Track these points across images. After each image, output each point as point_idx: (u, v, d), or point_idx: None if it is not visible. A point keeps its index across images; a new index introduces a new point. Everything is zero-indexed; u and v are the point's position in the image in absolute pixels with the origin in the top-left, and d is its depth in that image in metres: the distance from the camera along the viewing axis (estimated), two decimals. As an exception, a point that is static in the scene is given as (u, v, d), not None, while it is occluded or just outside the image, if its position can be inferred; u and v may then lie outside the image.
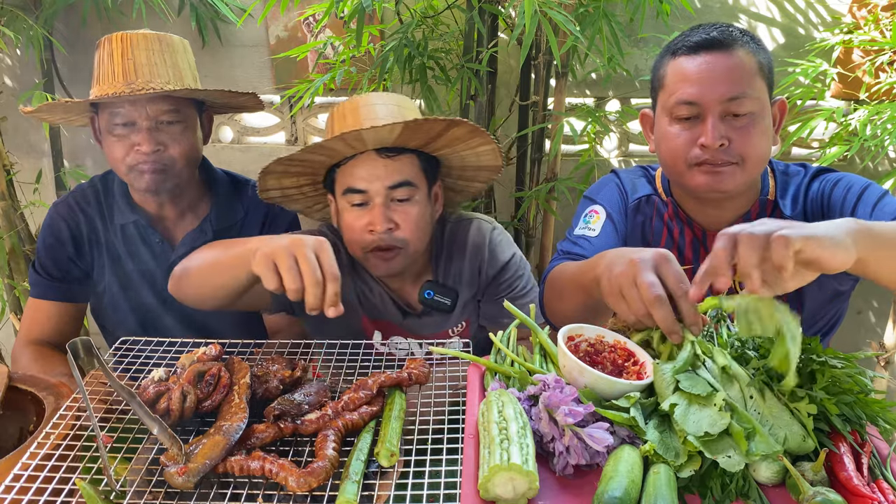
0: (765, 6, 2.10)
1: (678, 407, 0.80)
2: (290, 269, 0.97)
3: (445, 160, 1.42)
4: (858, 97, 2.01)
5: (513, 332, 1.11)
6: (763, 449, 0.74)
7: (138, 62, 1.37)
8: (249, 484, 0.82)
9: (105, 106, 1.40)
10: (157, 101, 1.38)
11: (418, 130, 1.25)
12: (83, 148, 2.50)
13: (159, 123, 1.40)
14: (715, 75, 1.19)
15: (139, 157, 1.39)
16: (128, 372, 1.05)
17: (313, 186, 1.45)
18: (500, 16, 1.86)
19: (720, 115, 1.19)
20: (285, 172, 1.36)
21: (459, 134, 1.31)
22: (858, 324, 2.38)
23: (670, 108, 1.24)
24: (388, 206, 1.30)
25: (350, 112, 1.31)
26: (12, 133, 2.45)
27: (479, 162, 1.43)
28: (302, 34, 2.27)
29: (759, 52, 1.22)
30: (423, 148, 1.34)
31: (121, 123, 1.38)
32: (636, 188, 1.44)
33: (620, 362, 0.94)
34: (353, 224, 1.32)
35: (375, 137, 1.24)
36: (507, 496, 0.74)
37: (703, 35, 1.22)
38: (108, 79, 1.38)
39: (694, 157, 1.22)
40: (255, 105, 1.59)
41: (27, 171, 2.30)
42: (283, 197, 1.46)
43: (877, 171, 2.18)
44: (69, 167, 2.34)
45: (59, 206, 1.54)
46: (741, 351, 0.93)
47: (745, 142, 1.19)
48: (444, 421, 0.91)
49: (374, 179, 1.28)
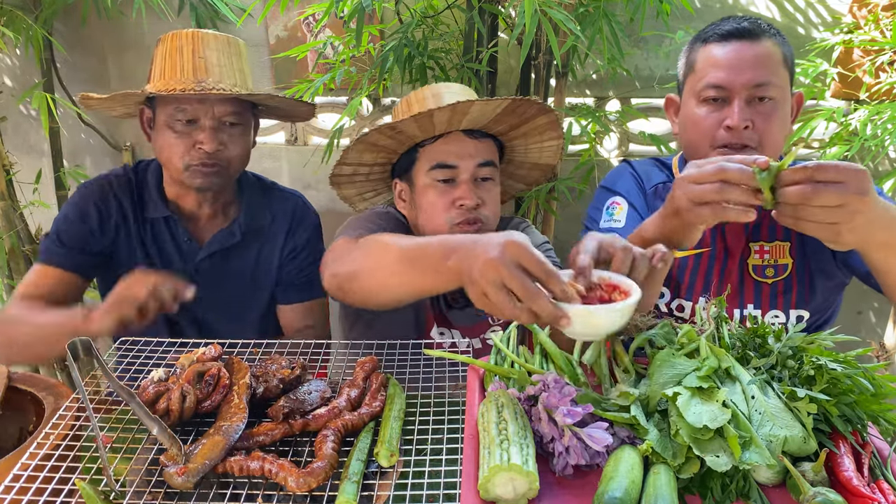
0: (765, 6, 2.10)
1: (681, 397, 0.79)
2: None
3: (509, 153, 1.50)
4: (858, 97, 2.01)
5: (513, 333, 1.11)
6: (757, 459, 0.74)
7: (210, 61, 1.38)
8: (249, 484, 0.82)
9: (167, 101, 1.39)
10: (223, 102, 1.39)
11: (515, 111, 1.32)
12: (83, 148, 2.50)
13: (222, 124, 1.41)
14: (743, 62, 1.26)
15: (200, 156, 1.39)
16: (128, 372, 1.05)
17: (382, 168, 1.50)
18: (500, 15, 1.86)
19: (746, 100, 1.26)
20: (374, 145, 1.39)
21: (541, 123, 1.39)
22: (858, 324, 2.38)
23: (699, 90, 1.31)
24: (474, 184, 1.35)
25: (431, 96, 1.36)
26: (12, 133, 2.45)
27: (539, 158, 1.51)
28: (302, 34, 2.27)
29: (783, 45, 1.30)
30: (502, 135, 1.42)
31: (184, 120, 1.38)
32: (650, 176, 1.49)
33: (608, 298, 0.89)
34: (437, 201, 1.35)
35: (477, 113, 1.29)
36: (507, 496, 0.74)
37: (734, 24, 1.29)
38: (175, 74, 1.37)
39: (719, 138, 1.28)
40: (307, 113, 1.60)
41: (27, 171, 2.30)
42: (350, 175, 1.49)
43: (877, 171, 2.18)
44: (69, 167, 2.34)
45: (90, 185, 1.51)
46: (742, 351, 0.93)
47: (767, 126, 1.26)
48: (443, 421, 0.91)
49: (464, 156, 1.34)
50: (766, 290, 1.37)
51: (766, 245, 1.37)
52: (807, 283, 1.37)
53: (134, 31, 2.31)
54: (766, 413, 0.81)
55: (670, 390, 0.81)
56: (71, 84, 2.32)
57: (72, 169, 2.32)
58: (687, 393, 0.80)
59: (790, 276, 1.36)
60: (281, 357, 1.06)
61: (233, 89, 1.37)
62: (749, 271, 1.37)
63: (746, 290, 1.37)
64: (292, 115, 1.64)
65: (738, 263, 1.37)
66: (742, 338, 0.97)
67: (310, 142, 2.48)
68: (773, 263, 1.36)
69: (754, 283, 1.37)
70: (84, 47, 2.36)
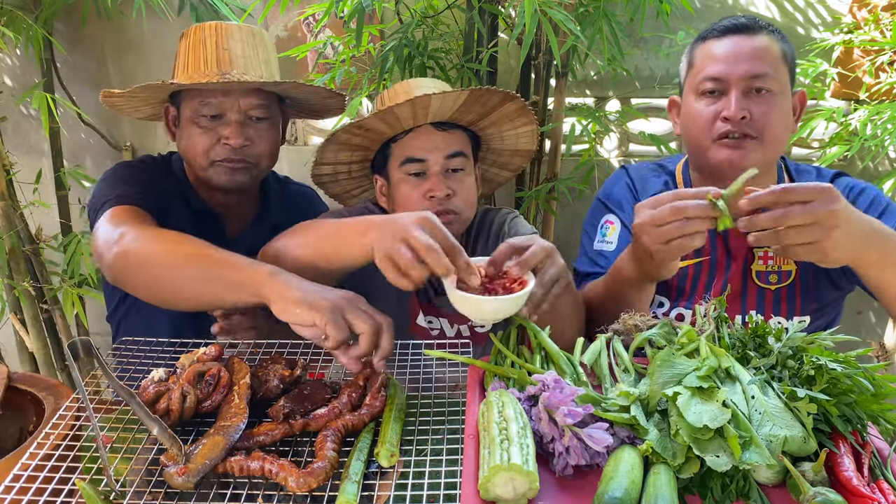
0: (765, 6, 2.10)
1: (681, 397, 0.79)
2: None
3: (486, 142, 1.51)
4: (858, 97, 2.01)
5: (513, 333, 1.11)
6: (757, 459, 0.74)
7: (234, 53, 1.33)
8: (249, 484, 0.82)
9: (192, 95, 1.34)
10: (249, 94, 1.34)
11: (478, 101, 1.34)
12: (83, 148, 2.50)
13: (248, 118, 1.36)
14: (740, 55, 1.28)
15: (226, 151, 1.35)
16: (128, 372, 1.05)
17: (361, 165, 1.51)
18: (500, 16, 1.86)
19: (743, 91, 1.27)
20: (346, 144, 1.40)
21: (510, 110, 1.40)
22: (858, 324, 2.38)
23: (697, 84, 1.33)
24: (445, 175, 1.37)
25: (403, 92, 1.37)
26: (12, 133, 2.45)
27: (516, 145, 1.52)
28: (302, 34, 2.27)
29: (782, 42, 1.31)
30: (472, 125, 1.43)
31: (209, 115, 1.34)
32: (646, 186, 1.49)
33: (509, 285, 1.03)
34: (410, 194, 1.36)
35: (440, 106, 1.31)
36: (508, 496, 0.74)
37: (731, 21, 1.32)
38: (199, 67, 1.33)
39: (717, 129, 1.28)
40: (338, 107, 1.56)
41: (27, 171, 2.29)
42: (332, 174, 1.50)
43: (877, 171, 2.18)
44: (69, 167, 2.34)
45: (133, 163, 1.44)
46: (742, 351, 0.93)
47: (766, 117, 1.26)
48: (444, 421, 0.91)
49: (432, 150, 1.36)
50: (769, 296, 1.36)
51: (771, 251, 1.36)
52: (810, 291, 1.36)
53: (134, 31, 2.31)
54: (766, 413, 0.81)
55: (670, 390, 0.81)
56: (71, 84, 2.32)
57: (72, 169, 2.32)
58: (687, 393, 0.80)
59: (793, 283, 1.36)
60: (281, 357, 1.06)
61: (259, 81, 1.33)
62: (752, 277, 1.37)
63: (749, 296, 1.37)
64: (322, 109, 1.58)
65: (742, 269, 1.36)
66: (742, 338, 0.97)
67: (310, 142, 2.48)
68: (777, 270, 1.36)
69: (757, 290, 1.36)
70: (84, 47, 2.36)
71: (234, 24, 1.37)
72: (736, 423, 0.77)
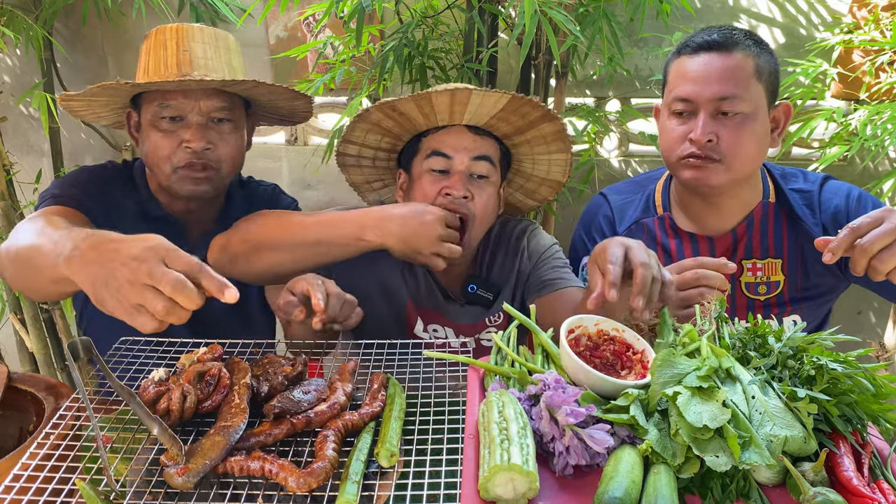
0: (765, 6, 2.10)
1: (681, 396, 0.79)
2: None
3: (517, 162, 1.50)
4: (858, 97, 2.01)
5: (513, 333, 1.11)
6: (757, 459, 0.74)
7: (195, 54, 1.31)
8: (249, 484, 0.82)
9: (152, 98, 1.31)
10: (210, 96, 1.31)
11: (517, 111, 1.33)
12: (83, 148, 2.50)
13: (210, 120, 1.33)
14: (710, 75, 1.26)
15: (187, 156, 1.31)
16: (128, 372, 1.05)
17: (388, 155, 1.50)
18: (500, 16, 1.86)
19: (711, 113, 1.26)
20: (376, 126, 1.39)
21: (547, 131, 1.40)
22: (858, 324, 2.38)
23: (669, 103, 1.33)
24: (468, 178, 1.36)
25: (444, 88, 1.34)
26: (12, 133, 2.45)
27: (547, 173, 1.51)
28: (302, 34, 2.27)
29: (760, 56, 1.27)
30: (507, 138, 1.42)
31: (169, 117, 1.31)
32: (624, 215, 1.49)
33: (620, 352, 0.97)
34: (427, 189, 1.36)
35: (478, 106, 1.30)
36: (508, 496, 0.74)
37: (705, 36, 1.29)
38: (160, 69, 1.30)
39: (684, 150, 1.29)
40: (305, 110, 1.51)
41: (27, 171, 2.29)
42: (356, 156, 1.49)
43: (877, 171, 2.18)
44: (69, 167, 2.34)
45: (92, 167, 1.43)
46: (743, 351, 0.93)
47: (733, 141, 1.26)
48: (444, 421, 0.91)
49: (460, 149, 1.36)
50: (758, 306, 1.37)
51: (759, 262, 1.37)
52: (799, 299, 1.37)
53: (134, 31, 2.31)
54: (766, 413, 0.81)
55: (670, 390, 0.81)
56: (71, 84, 2.32)
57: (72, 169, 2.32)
58: (687, 393, 0.80)
59: (781, 293, 1.37)
60: (281, 357, 1.06)
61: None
62: (742, 289, 1.38)
63: (739, 308, 1.37)
64: (289, 113, 1.56)
65: (731, 282, 1.36)
66: (742, 338, 0.97)
67: (310, 142, 2.48)
68: (766, 280, 1.37)
69: (747, 301, 1.37)
70: (84, 47, 2.36)
71: (196, 25, 1.35)
72: (736, 423, 0.77)
